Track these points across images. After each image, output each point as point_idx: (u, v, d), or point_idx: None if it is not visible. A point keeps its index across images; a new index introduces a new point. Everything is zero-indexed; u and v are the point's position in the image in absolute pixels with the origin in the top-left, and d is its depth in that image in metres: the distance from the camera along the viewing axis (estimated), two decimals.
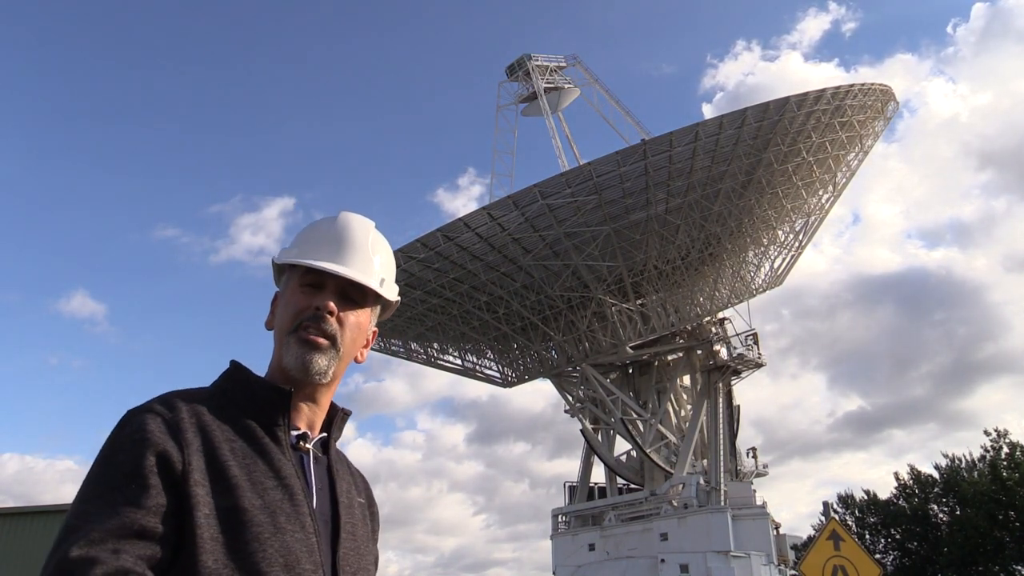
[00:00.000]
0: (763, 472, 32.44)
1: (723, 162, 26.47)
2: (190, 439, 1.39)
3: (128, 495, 1.29)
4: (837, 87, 27.35)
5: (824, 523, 10.12)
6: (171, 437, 1.37)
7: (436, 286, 28.74)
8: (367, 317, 1.68)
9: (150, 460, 1.32)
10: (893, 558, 42.04)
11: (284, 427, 1.52)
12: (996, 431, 39.88)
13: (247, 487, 1.38)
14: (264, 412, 1.52)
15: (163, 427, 1.38)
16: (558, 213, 26.18)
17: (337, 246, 1.65)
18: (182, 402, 1.45)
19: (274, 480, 1.42)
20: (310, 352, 1.55)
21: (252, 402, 1.53)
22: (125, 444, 1.36)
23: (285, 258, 1.66)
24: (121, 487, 1.30)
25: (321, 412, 1.64)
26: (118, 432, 1.40)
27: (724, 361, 30.54)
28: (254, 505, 1.36)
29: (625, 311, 29.12)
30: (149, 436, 1.35)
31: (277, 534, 1.36)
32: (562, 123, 34.72)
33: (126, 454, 1.34)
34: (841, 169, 30.79)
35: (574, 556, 28.74)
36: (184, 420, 1.41)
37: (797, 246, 32.49)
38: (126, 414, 1.43)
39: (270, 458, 1.45)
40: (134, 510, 1.27)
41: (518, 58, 34.94)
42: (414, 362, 35.06)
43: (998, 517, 36.59)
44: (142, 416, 1.40)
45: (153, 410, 1.41)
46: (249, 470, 1.41)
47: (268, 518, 1.37)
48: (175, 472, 1.34)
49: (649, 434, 29.06)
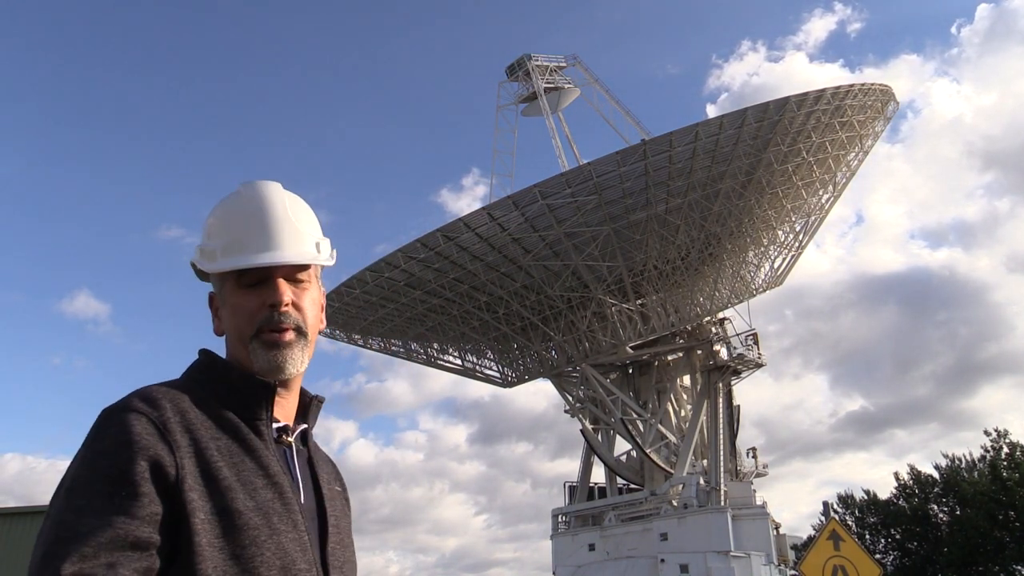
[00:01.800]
0: (763, 472, 32.46)
1: (723, 162, 26.47)
2: (179, 440, 1.31)
3: (120, 504, 1.21)
4: (837, 87, 27.34)
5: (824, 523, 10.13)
6: (160, 439, 1.29)
7: (436, 286, 28.75)
8: (317, 288, 1.61)
9: (141, 465, 1.24)
10: (893, 558, 42.03)
11: (267, 421, 1.46)
12: (996, 431, 39.93)
13: (239, 488, 1.32)
14: (246, 406, 1.45)
15: (150, 428, 1.29)
16: (558, 213, 26.19)
17: (260, 228, 1.51)
18: (164, 399, 1.36)
19: (263, 479, 1.37)
20: (280, 352, 1.48)
21: (233, 395, 1.45)
22: (110, 448, 1.26)
23: (214, 265, 1.52)
24: (111, 495, 1.21)
25: (294, 399, 1.58)
26: (100, 434, 1.29)
27: (724, 361, 30.54)
28: (247, 507, 1.31)
29: (625, 311, 29.13)
30: (136, 439, 1.26)
31: (273, 536, 1.32)
32: (562, 123, 34.76)
33: (112, 458, 1.25)
34: (841, 169, 30.78)
35: (574, 556, 28.76)
36: (171, 419, 1.32)
37: (797, 246, 32.52)
38: (104, 413, 1.32)
39: (257, 455, 1.39)
40: (127, 520, 1.20)
41: (518, 58, 34.94)
42: (414, 362, 35.12)
43: (998, 517, 36.60)
44: (125, 416, 1.30)
45: (135, 409, 1.31)
46: (238, 469, 1.35)
47: (263, 520, 1.32)
48: (169, 478, 1.26)
49: (649, 434, 29.07)
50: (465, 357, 34.08)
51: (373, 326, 31.77)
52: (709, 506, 26.53)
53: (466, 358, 34.08)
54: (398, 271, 27.76)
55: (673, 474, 28.16)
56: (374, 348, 34.40)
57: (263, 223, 1.53)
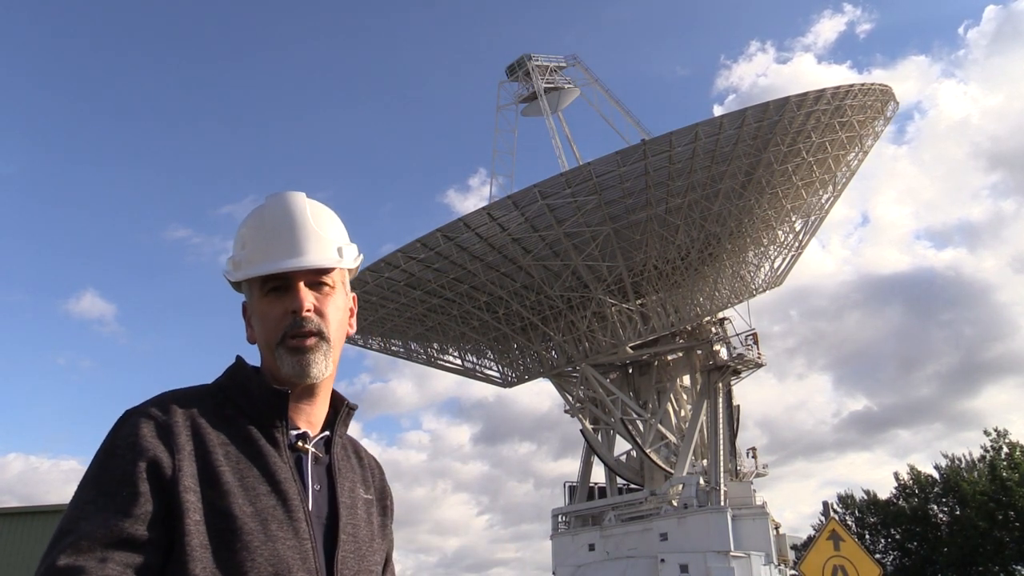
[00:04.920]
0: (763, 472, 32.49)
1: (723, 162, 26.48)
2: (182, 443, 1.37)
3: (119, 502, 1.29)
4: (837, 87, 27.36)
5: (824, 523, 10.14)
6: (162, 441, 1.36)
7: (436, 286, 28.77)
8: (343, 293, 1.63)
9: (140, 466, 1.32)
10: (893, 558, 42.05)
11: (282, 429, 1.49)
12: (996, 431, 39.94)
13: (239, 493, 1.36)
14: (262, 413, 1.49)
15: (155, 431, 1.37)
16: (558, 213, 26.20)
17: (282, 236, 1.56)
18: (177, 404, 1.43)
19: (267, 486, 1.40)
20: (303, 357, 1.51)
21: (250, 403, 1.50)
22: (119, 449, 1.35)
23: (237, 274, 1.58)
24: (113, 493, 1.30)
25: (322, 406, 1.60)
26: (114, 435, 1.39)
27: (724, 361, 30.57)
28: (245, 512, 1.34)
29: (625, 311, 29.14)
30: (141, 441, 1.35)
31: (268, 542, 1.33)
32: (562, 123, 34.81)
33: (119, 459, 1.34)
34: (841, 169, 30.81)
35: (574, 556, 28.77)
36: (178, 423, 1.39)
37: (797, 246, 32.54)
38: (123, 415, 1.42)
39: (265, 462, 1.43)
40: (122, 518, 1.27)
41: (518, 58, 34.97)
42: (414, 362, 35.15)
43: (998, 517, 36.60)
44: (136, 419, 1.39)
45: (147, 413, 1.40)
46: (242, 475, 1.39)
47: (259, 525, 1.34)
48: (164, 478, 1.33)
49: (649, 434, 29.09)
50: (465, 357, 34.09)
51: (373, 326, 31.79)
52: (709, 506, 26.54)
53: (466, 358, 34.09)
54: (398, 271, 27.77)
55: (673, 474, 28.18)
56: (374, 348, 34.44)
57: (284, 231, 1.57)
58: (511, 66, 35.18)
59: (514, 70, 35.00)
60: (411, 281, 28.31)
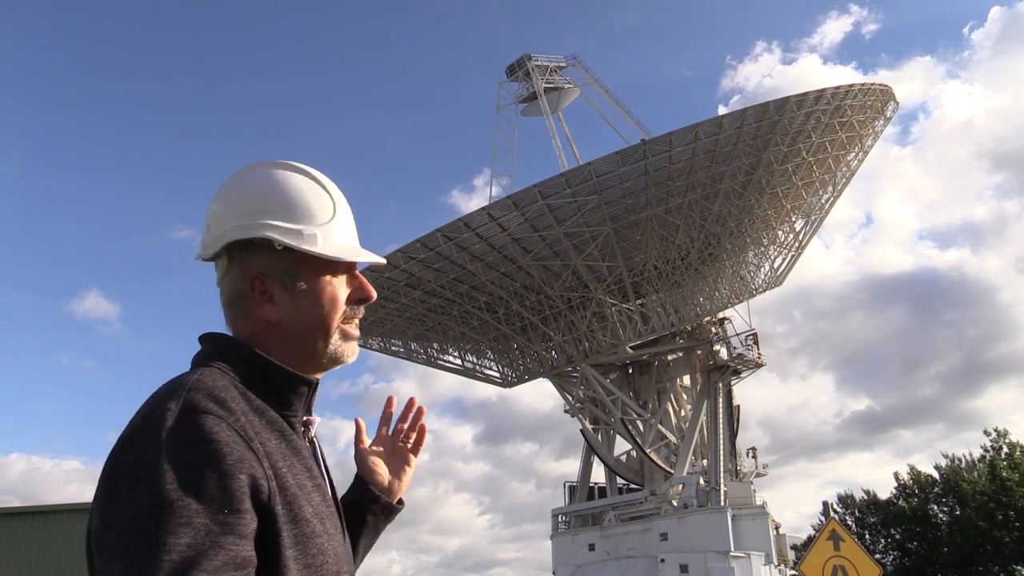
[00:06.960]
0: (763, 472, 32.49)
1: (723, 162, 26.49)
2: (258, 448, 1.19)
3: (224, 523, 1.09)
4: (837, 87, 27.38)
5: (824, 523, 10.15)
6: (248, 448, 1.17)
7: (436, 286, 28.77)
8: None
9: (240, 480, 1.12)
10: (893, 558, 42.08)
11: (300, 418, 1.39)
12: (996, 431, 39.97)
13: (299, 494, 1.24)
14: (287, 403, 1.36)
15: (236, 438, 1.16)
16: (558, 213, 26.20)
17: (351, 221, 1.46)
18: (228, 398, 1.22)
19: (310, 481, 1.30)
20: (354, 344, 1.48)
21: (274, 391, 1.34)
22: (201, 460, 1.11)
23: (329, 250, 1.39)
24: (214, 513, 1.08)
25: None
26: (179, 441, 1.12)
27: (724, 361, 30.58)
28: (310, 514, 1.25)
29: (625, 311, 29.14)
30: (226, 449, 1.13)
31: (330, 541, 1.28)
32: (562, 123, 34.81)
33: (208, 472, 1.10)
34: (841, 169, 30.83)
35: (574, 556, 28.77)
36: (245, 424, 1.20)
37: (797, 246, 32.55)
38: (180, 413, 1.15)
39: (301, 456, 1.32)
40: (236, 540, 1.09)
41: (518, 58, 34.99)
42: (414, 362, 35.15)
43: (998, 517, 36.62)
44: (203, 420, 1.15)
45: (211, 411, 1.16)
46: (294, 472, 1.26)
47: (321, 525, 1.27)
48: (263, 492, 1.16)
49: (649, 434, 29.10)
50: (465, 357, 34.09)
51: (373, 326, 31.78)
52: (709, 506, 26.55)
53: (466, 358, 34.09)
54: (398, 271, 27.76)
55: (673, 474, 28.18)
56: (374, 348, 34.43)
57: (348, 213, 1.48)
58: (511, 66, 35.18)
59: (514, 70, 35.00)
60: (411, 281, 28.31)
